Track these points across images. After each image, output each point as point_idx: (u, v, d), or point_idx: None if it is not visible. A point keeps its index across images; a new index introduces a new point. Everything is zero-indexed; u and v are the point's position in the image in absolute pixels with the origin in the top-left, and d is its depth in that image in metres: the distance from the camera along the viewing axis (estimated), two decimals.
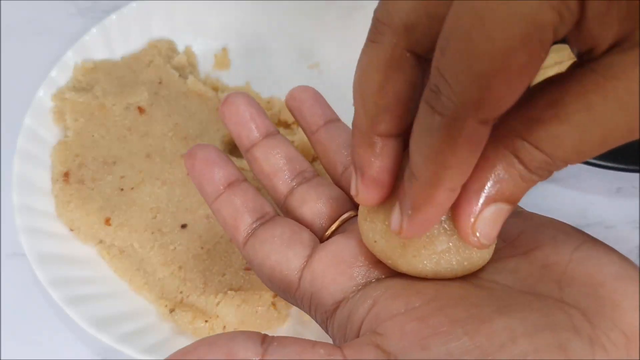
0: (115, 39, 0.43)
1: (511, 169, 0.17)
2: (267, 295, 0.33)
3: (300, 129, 0.39)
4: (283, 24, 0.44)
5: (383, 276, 0.21)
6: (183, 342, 0.33)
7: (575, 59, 0.17)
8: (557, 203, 0.40)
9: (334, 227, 0.24)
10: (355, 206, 0.24)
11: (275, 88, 0.43)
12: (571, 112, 0.16)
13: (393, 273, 0.21)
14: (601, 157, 0.38)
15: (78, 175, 0.36)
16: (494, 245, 0.21)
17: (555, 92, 0.16)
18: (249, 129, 0.26)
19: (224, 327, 0.32)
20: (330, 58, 0.44)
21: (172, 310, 0.33)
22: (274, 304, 0.33)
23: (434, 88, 0.15)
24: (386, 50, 0.18)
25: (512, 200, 0.18)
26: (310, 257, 0.22)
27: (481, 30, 0.14)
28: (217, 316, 0.32)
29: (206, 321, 0.32)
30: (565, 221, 0.28)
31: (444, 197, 0.18)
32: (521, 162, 0.17)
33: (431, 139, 0.16)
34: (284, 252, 0.22)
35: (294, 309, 0.34)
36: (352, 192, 0.21)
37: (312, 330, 0.33)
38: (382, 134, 0.19)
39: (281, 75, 0.44)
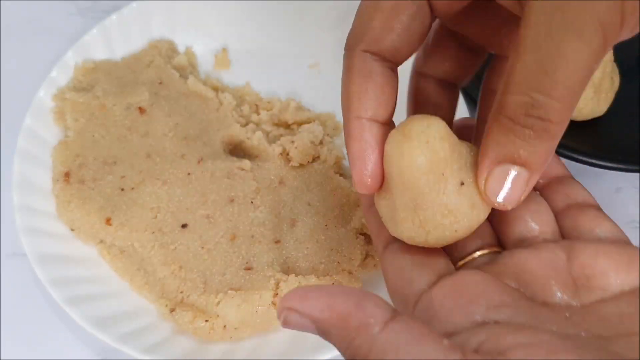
0: (115, 39, 0.43)
1: (505, 128, 0.20)
2: (268, 295, 0.33)
3: (300, 129, 0.39)
4: (283, 24, 0.44)
5: (502, 318, 0.20)
6: (183, 341, 0.33)
7: None
8: None
9: (468, 259, 0.24)
10: (495, 242, 0.25)
11: (275, 88, 0.43)
12: (524, 51, 0.19)
13: (513, 316, 0.20)
14: (601, 157, 0.39)
15: (78, 175, 0.36)
16: (465, 226, 0.23)
17: (512, 51, 0.20)
18: None
19: (224, 326, 0.32)
20: (330, 58, 0.44)
21: (172, 310, 0.33)
22: (274, 304, 0.33)
23: None
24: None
25: (523, 163, 0.20)
26: (434, 284, 0.22)
27: None
28: (218, 316, 0.32)
29: (206, 321, 0.32)
30: None
31: (356, 127, 0.22)
32: (507, 115, 0.20)
33: (342, 75, 0.23)
34: (411, 272, 0.23)
35: None
36: (352, 181, 0.24)
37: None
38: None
39: (281, 75, 0.44)
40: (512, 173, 0.20)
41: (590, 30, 0.18)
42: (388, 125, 0.23)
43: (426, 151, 0.22)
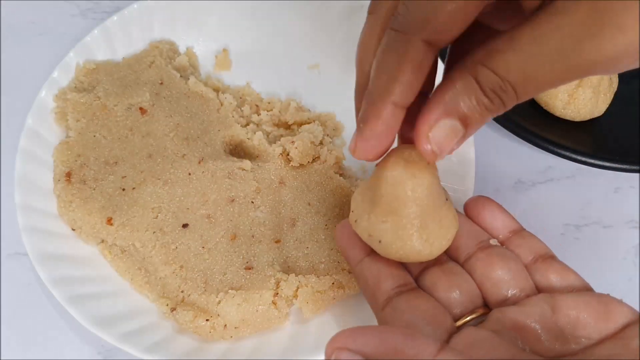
0: (116, 40, 0.43)
1: (468, 89, 0.21)
2: (268, 295, 0.33)
3: (300, 130, 0.39)
4: (283, 24, 0.44)
5: None
6: (184, 341, 0.33)
7: None
8: (556, 203, 0.41)
9: (464, 320, 0.25)
10: (483, 303, 0.27)
11: (275, 88, 0.43)
12: (521, 41, 0.19)
13: None
14: (600, 157, 0.39)
15: (80, 175, 0.37)
16: (452, 235, 0.26)
17: (513, 30, 0.20)
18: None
19: (225, 325, 0.33)
20: (331, 59, 0.44)
21: (173, 309, 0.33)
22: (274, 303, 0.33)
23: (396, 15, 0.20)
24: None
25: (466, 123, 0.21)
26: (441, 349, 0.22)
27: None
28: (218, 315, 0.32)
29: (207, 320, 0.32)
30: (563, 221, 0.30)
31: (389, 112, 0.22)
32: (478, 83, 0.20)
33: (387, 55, 0.21)
34: (422, 331, 0.24)
35: (295, 309, 0.34)
36: (350, 147, 0.24)
37: (312, 330, 0.33)
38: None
39: (281, 75, 0.44)
40: (457, 128, 0.21)
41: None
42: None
43: (430, 173, 0.25)
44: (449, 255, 0.28)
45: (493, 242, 0.28)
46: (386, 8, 0.22)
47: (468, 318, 0.26)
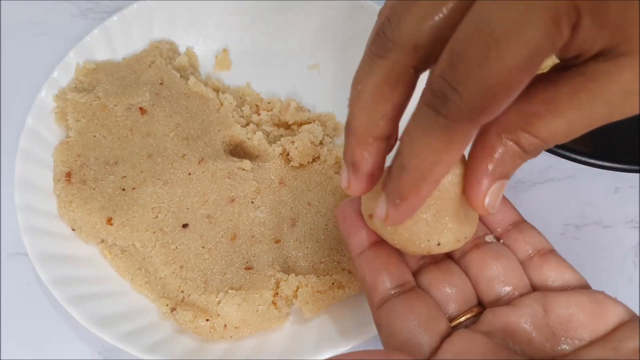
0: (116, 40, 0.43)
1: (512, 153, 0.21)
2: (268, 295, 0.33)
3: (300, 130, 0.39)
4: (283, 24, 0.44)
5: None
6: (184, 341, 0.33)
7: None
8: (556, 203, 0.40)
9: (458, 320, 0.26)
10: (477, 302, 0.27)
11: (275, 88, 0.43)
12: (564, 109, 0.19)
13: None
14: (599, 157, 0.39)
15: (80, 175, 0.37)
16: (475, 224, 0.26)
17: (549, 91, 0.19)
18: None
19: (225, 325, 0.33)
20: (330, 59, 0.44)
21: (173, 309, 0.33)
22: (274, 303, 0.33)
23: (439, 95, 0.18)
24: (392, 65, 0.20)
25: (509, 176, 0.22)
26: (438, 349, 0.23)
27: (496, 51, 0.17)
28: (218, 315, 0.32)
29: (207, 320, 0.32)
30: (563, 221, 0.30)
31: (429, 189, 0.21)
32: (520, 147, 0.21)
33: (429, 137, 0.19)
34: (416, 336, 0.24)
35: (295, 308, 0.34)
36: (343, 185, 0.24)
37: (311, 330, 0.33)
38: (378, 136, 0.22)
39: (281, 76, 0.44)
40: (504, 183, 0.22)
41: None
42: None
43: (458, 165, 0.24)
44: (446, 252, 0.28)
45: (489, 238, 0.28)
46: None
47: (462, 319, 0.26)
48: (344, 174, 0.24)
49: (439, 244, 0.25)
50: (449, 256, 0.28)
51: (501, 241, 0.28)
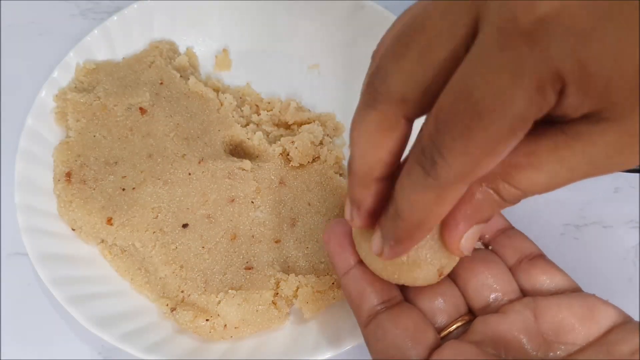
0: (116, 40, 0.43)
1: (491, 201, 0.21)
2: (268, 294, 0.33)
3: (300, 130, 0.39)
4: (283, 24, 0.44)
5: None
6: (184, 341, 0.33)
7: None
8: (556, 203, 0.40)
9: (448, 330, 0.26)
10: (467, 310, 0.27)
11: (275, 88, 0.43)
12: (545, 163, 0.19)
13: None
14: None
15: (80, 175, 0.37)
16: (451, 263, 0.26)
17: (531, 145, 0.19)
18: None
19: (225, 325, 0.33)
20: (331, 59, 0.44)
21: (173, 309, 0.33)
22: (274, 303, 0.33)
23: (428, 156, 0.19)
24: (383, 116, 0.21)
25: (487, 220, 0.23)
26: (427, 359, 0.24)
27: (480, 123, 0.17)
28: (218, 315, 0.32)
29: (207, 320, 0.32)
30: (563, 221, 0.30)
31: (423, 235, 0.22)
32: (500, 196, 0.21)
33: (423, 194, 0.20)
34: (404, 351, 0.24)
35: (295, 308, 0.34)
36: (347, 218, 0.25)
37: (311, 330, 0.33)
38: (377, 178, 0.23)
39: (281, 75, 0.44)
40: (480, 228, 0.23)
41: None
42: None
43: None
44: None
45: (477, 245, 0.28)
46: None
47: (452, 328, 0.26)
48: (347, 209, 0.25)
49: (441, 269, 0.25)
50: None
51: (489, 247, 0.28)
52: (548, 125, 0.19)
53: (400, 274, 0.25)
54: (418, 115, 0.21)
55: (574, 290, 0.26)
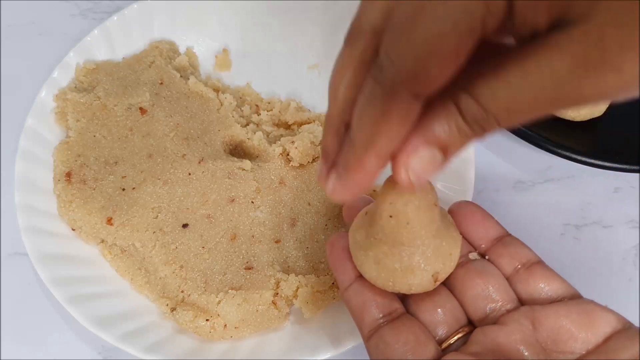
0: (116, 40, 0.43)
1: (450, 118, 0.19)
2: (268, 295, 0.33)
3: (300, 130, 0.39)
4: (283, 25, 0.44)
5: None
6: (184, 341, 0.33)
7: None
8: (556, 203, 0.40)
9: (448, 342, 0.26)
10: (467, 321, 0.27)
11: (275, 88, 0.43)
12: (508, 72, 0.18)
13: None
14: (599, 157, 0.39)
15: (80, 175, 0.37)
16: (455, 258, 0.26)
17: (498, 58, 0.18)
18: None
19: (225, 325, 0.33)
20: (330, 59, 0.44)
21: (173, 309, 0.33)
22: (274, 303, 0.33)
23: (378, 64, 0.19)
24: (358, 50, 0.21)
25: (446, 151, 0.20)
26: None
27: (421, 18, 0.17)
28: (218, 315, 0.32)
29: (207, 320, 0.32)
30: (563, 221, 0.29)
31: (373, 163, 0.20)
32: (460, 111, 0.19)
33: (370, 107, 0.19)
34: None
35: (295, 308, 0.34)
36: (318, 176, 0.23)
37: (312, 330, 0.33)
38: (349, 121, 0.21)
39: (281, 75, 0.44)
40: (436, 157, 0.20)
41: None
42: None
43: (415, 203, 0.24)
44: None
45: (472, 256, 0.28)
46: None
47: (452, 340, 0.26)
48: (319, 166, 0.24)
49: (432, 276, 0.25)
50: None
51: (486, 257, 0.28)
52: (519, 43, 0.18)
53: (394, 281, 0.25)
54: (432, 92, 0.20)
55: (573, 297, 0.26)
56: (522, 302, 0.26)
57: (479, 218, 0.29)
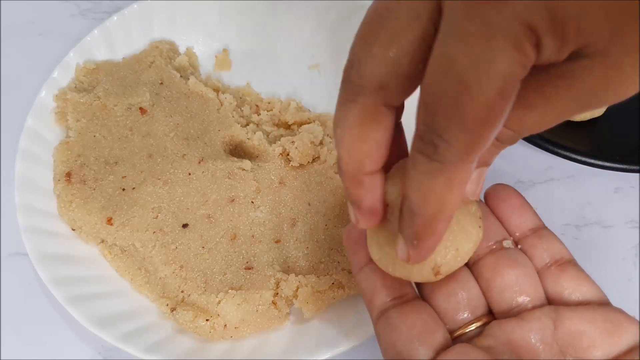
0: (116, 40, 0.43)
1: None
2: (268, 294, 0.33)
3: (300, 130, 0.39)
4: (283, 25, 0.44)
5: None
6: (184, 341, 0.33)
7: None
8: (556, 203, 0.40)
9: (460, 331, 0.25)
10: (487, 311, 0.26)
11: (275, 88, 0.43)
12: (532, 102, 0.20)
13: None
14: (599, 157, 0.39)
15: (80, 175, 0.37)
16: (465, 254, 0.24)
17: (520, 88, 0.19)
18: None
19: (225, 325, 0.33)
20: (331, 59, 0.44)
21: (173, 309, 0.33)
22: (274, 303, 0.33)
23: (428, 142, 0.18)
24: (364, 107, 0.20)
25: (488, 164, 0.24)
26: None
27: (468, 95, 0.17)
28: (218, 315, 0.32)
29: (207, 320, 0.32)
30: (563, 221, 0.29)
31: (444, 227, 0.21)
32: (496, 138, 0.22)
33: (432, 183, 0.19)
34: (410, 349, 0.23)
35: (295, 308, 0.34)
36: (353, 220, 0.24)
37: (312, 330, 0.33)
38: (368, 172, 0.22)
39: (282, 75, 0.44)
40: (483, 173, 0.24)
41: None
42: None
43: None
44: None
45: (506, 244, 0.27)
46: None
47: (468, 329, 0.25)
48: (350, 212, 0.24)
49: (438, 271, 0.24)
50: None
51: (518, 247, 0.27)
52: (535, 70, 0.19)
53: (394, 267, 0.25)
54: (399, 102, 0.21)
55: (601, 302, 0.25)
56: (549, 299, 0.25)
57: (517, 205, 0.28)
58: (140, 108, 0.39)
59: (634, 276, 0.38)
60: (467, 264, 0.27)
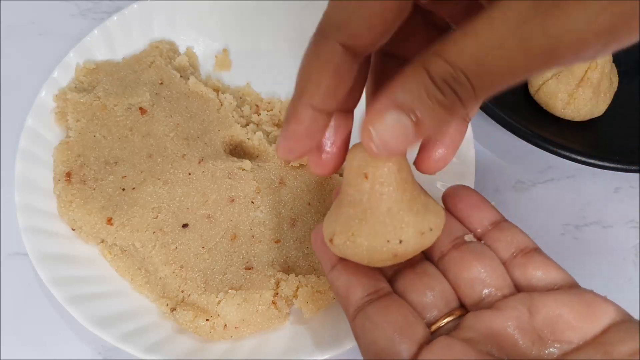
0: (116, 40, 0.43)
1: (417, 80, 0.19)
2: (268, 294, 0.33)
3: None
4: (283, 25, 0.44)
5: None
6: (184, 341, 0.33)
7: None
8: (556, 203, 0.41)
9: (437, 325, 0.25)
10: (458, 305, 0.26)
11: (275, 88, 0.43)
12: (477, 28, 0.17)
13: None
14: (599, 157, 0.39)
15: (80, 175, 0.37)
16: (441, 216, 0.24)
17: (469, 19, 0.18)
18: None
19: (225, 325, 0.33)
20: None
21: (173, 309, 0.33)
22: (274, 303, 0.33)
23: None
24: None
25: (417, 118, 0.19)
26: (417, 355, 0.23)
27: None
28: (218, 315, 0.32)
29: (207, 320, 0.32)
30: (563, 221, 0.29)
31: (308, 115, 0.21)
32: (428, 72, 0.18)
33: (305, 57, 0.21)
34: (392, 344, 0.23)
35: (295, 308, 0.34)
36: (276, 147, 0.24)
37: (312, 330, 0.33)
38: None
39: (282, 75, 0.44)
40: (405, 124, 0.19)
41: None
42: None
43: (382, 168, 0.23)
44: (424, 254, 0.27)
45: (468, 238, 0.27)
46: (330, 33, 0.22)
47: (443, 322, 0.25)
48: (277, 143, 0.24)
49: (400, 242, 0.23)
50: (426, 258, 0.27)
51: (482, 242, 0.27)
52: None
53: (347, 242, 0.24)
54: (360, 47, 0.21)
55: (571, 286, 0.25)
56: (518, 289, 0.25)
57: (475, 202, 0.28)
58: (140, 108, 0.39)
59: (634, 276, 0.38)
60: (432, 260, 0.27)
